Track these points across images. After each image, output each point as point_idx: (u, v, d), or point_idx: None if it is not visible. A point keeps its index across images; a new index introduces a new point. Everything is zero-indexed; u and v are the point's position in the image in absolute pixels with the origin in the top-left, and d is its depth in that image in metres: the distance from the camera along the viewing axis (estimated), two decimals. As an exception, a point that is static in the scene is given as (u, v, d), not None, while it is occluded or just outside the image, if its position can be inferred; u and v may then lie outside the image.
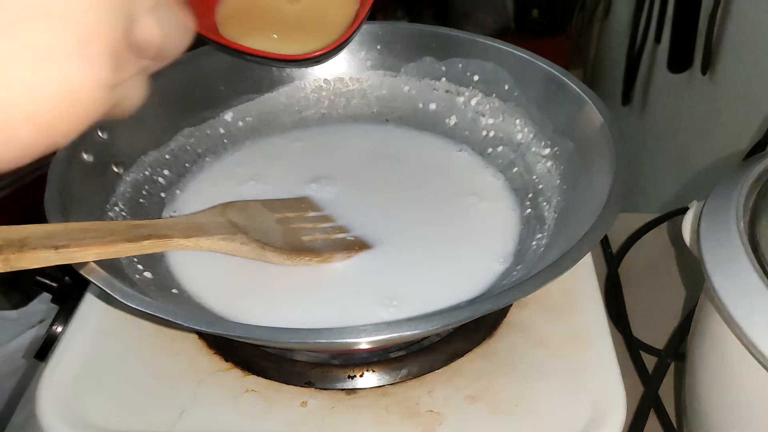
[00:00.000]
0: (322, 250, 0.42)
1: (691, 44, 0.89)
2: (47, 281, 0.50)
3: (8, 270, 0.31)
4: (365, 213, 0.46)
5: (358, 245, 0.44)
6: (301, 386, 0.39)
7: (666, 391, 0.48)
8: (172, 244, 0.38)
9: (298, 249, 0.42)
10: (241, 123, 0.53)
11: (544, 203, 0.46)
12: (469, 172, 0.50)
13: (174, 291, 0.41)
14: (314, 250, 0.42)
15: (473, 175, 0.50)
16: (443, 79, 0.53)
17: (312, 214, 0.46)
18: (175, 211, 0.47)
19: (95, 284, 0.34)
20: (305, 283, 0.41)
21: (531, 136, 0.49)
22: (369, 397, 0.38)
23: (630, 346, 0.51)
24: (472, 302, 0.32)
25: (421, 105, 0.54)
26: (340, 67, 0.54)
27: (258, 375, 0.39)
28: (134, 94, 0.26)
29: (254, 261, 0.42)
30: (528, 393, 0.38)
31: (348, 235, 0.45)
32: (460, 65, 0.52)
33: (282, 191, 0.48)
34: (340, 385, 0.39)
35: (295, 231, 0.43)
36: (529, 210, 0.46)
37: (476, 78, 0.52)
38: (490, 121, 0.52)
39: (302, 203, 0.47)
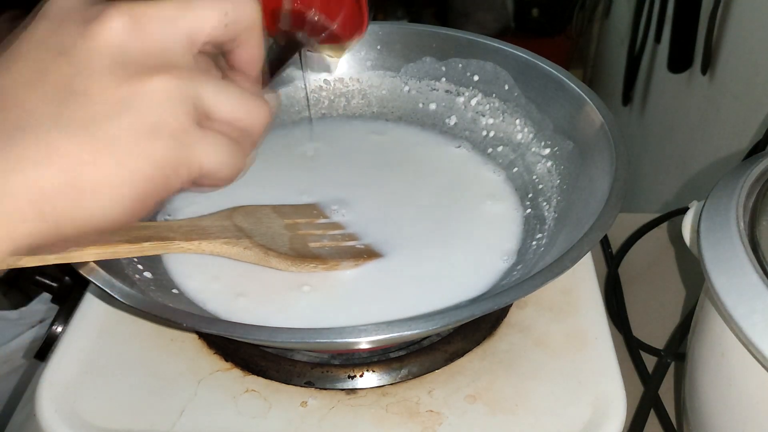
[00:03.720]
0: (328, 258, 0.42)
1: (691, 44, 0.89)
2: (47, 281, 0.50)
3: (6, 268, 0.31)
4: (368, 215, 0.46)
5: (367, 254, 0.43)
6: (301, 386, 0.39)
7: (666, 391, 0.48)
8: (173, 247, 0.38)
9: (303, 255, 0.42)
10: (241, 123, 0.53)
11: (544, 203, 0.46)
12: (470, 169, 0.50)
13: (174, 291, 0.41)
14: (320, 257, 0.42)
15: (474, 172, 0.50)
16: (443, 79, 0.53)
17: (322, 220, 0.45)
18: (170, 215, 0.46)
19: (95, 284, 0.34)
20: (307, 284, 0.41)
21: (531, 136, 0.49)
22: (369, 397, 0.38)
23: (630, 346, 0.51)
24: (472, 302, 0.32)
25: (421, 105, 0.54)
26: (340, 68, 0.54)
27: (258, 375, 0.39)
28: (229, 164, 0.27)
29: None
30: (528, 393, 0.38)
31: (357, 243, 0.44)
32: (460, 65, 0.52)
33: (282, 192, 0.48)
34: (340, 385, 0.39)
35: (302, 237, 0.43)
36: (529, 210, 0.46)
37: (476, 78, 0.52)
38: (490, 121, 0.52)
39: (313, 209, 0.46)
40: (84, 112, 0.23)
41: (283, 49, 0.42)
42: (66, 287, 0.49)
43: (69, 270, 0.46)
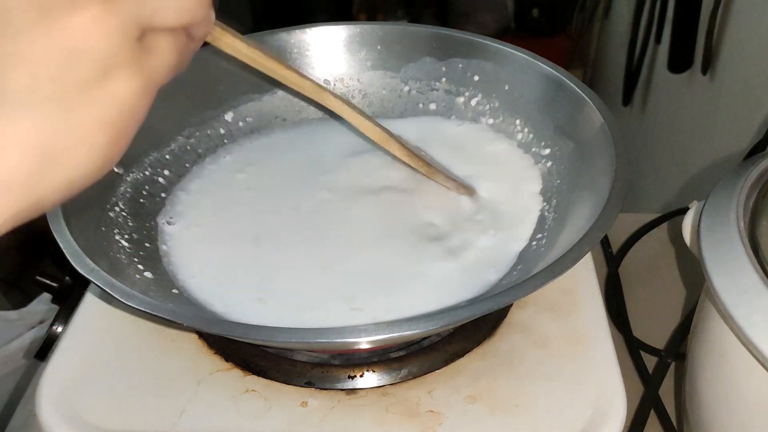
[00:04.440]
0: (433, 166, 0.46)
1: (691, 44, 0.89)
2: (47, 281, 0.50)
3: (210, 43, 0.32)
4: (371, 213, 0.46)
5: (464, 185, 0.47)
6: (301, 386, 0.39)
7: (666, 391, 0.48)
8: (327, 99, 0.43)
9: (414, 153, 0.45)
10: (241, 123, 0.53)
11: (544, 203, 0.46)
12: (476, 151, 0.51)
13: (174, 291, 0.41)
14: (425, 162, 0.46)
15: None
16: (443, 79, 0.53)
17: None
18: (171, 218, 0.46)
19: (95, 284, 0.34)
20: (309, 284, 0.41)
21: (531, 136, 0.49)
22: (369, 397, 0.38)
23: (630, 346, 0.51)
24: (472, 302, 0.32)
25: (421, 105, 0.54)
26: (341, 68, 0.54)
27: (258, 375, 0.39)
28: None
29: (254, 260, 0.42)
30: (528, 393, 0.38)
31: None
32: (460, 65, 0.52)
33: (285, 191, 0.48)
34: (340, 385, 0.39)
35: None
36: (529, 210, 0.46)
37: (476, 78, 0.52)
38: (490, 121, 0.52)
39: None
40: (23, 78, 0.20)
41: None
42: (66, 287, 0.49)
43: (69, 270, 0.46)
